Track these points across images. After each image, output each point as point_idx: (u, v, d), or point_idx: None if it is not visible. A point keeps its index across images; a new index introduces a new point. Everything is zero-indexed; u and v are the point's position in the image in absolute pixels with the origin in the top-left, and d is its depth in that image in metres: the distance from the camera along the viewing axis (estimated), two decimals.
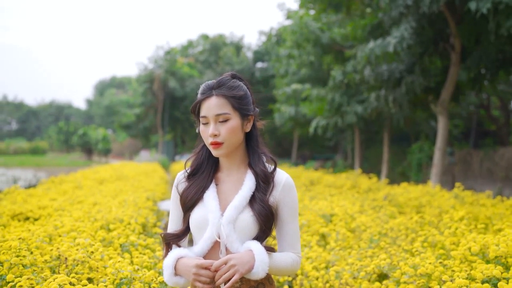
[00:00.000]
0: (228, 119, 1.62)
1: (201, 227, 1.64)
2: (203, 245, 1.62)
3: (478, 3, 6.26)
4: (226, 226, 1.59)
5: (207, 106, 1.62)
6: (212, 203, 1.64)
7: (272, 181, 1.69)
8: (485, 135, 19.17)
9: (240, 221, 1.62)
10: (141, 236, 3.29)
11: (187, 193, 1.69)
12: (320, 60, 13.57)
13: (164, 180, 10.82)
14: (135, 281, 2.18)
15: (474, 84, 9.64)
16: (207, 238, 1.61)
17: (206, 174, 1.71)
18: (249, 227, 1.62)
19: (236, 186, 1.69)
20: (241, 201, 1.63)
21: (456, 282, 1.92)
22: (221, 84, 1.64)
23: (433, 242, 2.97)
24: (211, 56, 33.22)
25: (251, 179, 1.68)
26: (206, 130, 1.63)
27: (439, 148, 9.08)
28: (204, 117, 1.63)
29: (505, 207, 4.80)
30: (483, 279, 2.00)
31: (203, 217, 1.63)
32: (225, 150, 1.64)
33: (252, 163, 1.71)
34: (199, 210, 1.65)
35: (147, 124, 32.79)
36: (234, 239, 1.60)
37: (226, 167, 1.73)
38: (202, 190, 1.67)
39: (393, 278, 2.41)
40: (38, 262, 2.37)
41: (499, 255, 2.21)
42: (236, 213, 1.61)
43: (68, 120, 60.25)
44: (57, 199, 5.71)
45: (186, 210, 1.69)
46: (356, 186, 7.95)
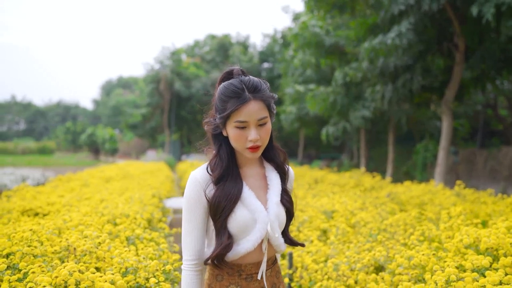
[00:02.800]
0: (266, 122, 1.62)
1: (248, 227, 1.62)
2: (253, 243, 1.61)
3: (480, 7, 6.31)
4: (275, 222, 1.64)
5: (247, 111, 1.57)
6: (254, 201, 1.63)
7: (288, 172, 1.78)
8: (492, 135, 19.12)
9: (280, 215, 1.67)
10: (147, 230, 3.39)
11: (222, 198, 1.61)
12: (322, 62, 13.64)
13: (170, 179, 10.94)
14: (140, 270, 2.28)
15: (477, 83, 9.67)
16: (259, 236, 1.61)
17: (234, 174, 1.67)
18: (284, 218, 1.70)
19: (261, 181, 1.72)
20: (278, 196, 1.68)
21: (446, 272, 2.00)
22: (256, 87, 1.60)
23: (430, 236, 3.05)
24: (218, 55, 33.36)
25: (274, 172, 1.74)
26: (243, 135, 1.59)
27: (443, 147, 9.12)
28: (244, 122, 1.57)
29: (505, 205, 4.86)
30: (472, 269, 2.09)
31: (248, 217, 1.61)
32: (260, 152, 1.65)
33: (272, 157, 1.75)
34: (241, 210, 1.62)
35: (153, 124, 32.98)
36: (279, 233, 1.67)
37: (245, 163, 1.72)
38: (238, 191, 1.63)
39: (388, 269, 2.49)
40: (48, 253, 2.48)
41: (489, 246, 2.29)
42: (278, 209, 1.66)
43: (75, 120, 60.68)
44: (65, 196, 5.83)
45: (226, 215, 1.61)
46: (360, 185, 8.02)
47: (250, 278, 1.67)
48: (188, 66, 32.38)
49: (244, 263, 1.66)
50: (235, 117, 1.57)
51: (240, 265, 1.65)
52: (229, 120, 1.59)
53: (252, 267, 1.66)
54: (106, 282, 2.02)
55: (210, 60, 33.52)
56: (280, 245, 1.69)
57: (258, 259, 1.67)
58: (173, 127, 32.29)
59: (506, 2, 6.00)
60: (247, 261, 1.66)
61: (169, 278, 2.39)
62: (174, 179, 12.29)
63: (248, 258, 1.66)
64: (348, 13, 10.93)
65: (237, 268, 1.66)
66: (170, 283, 2.39)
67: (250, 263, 1.66)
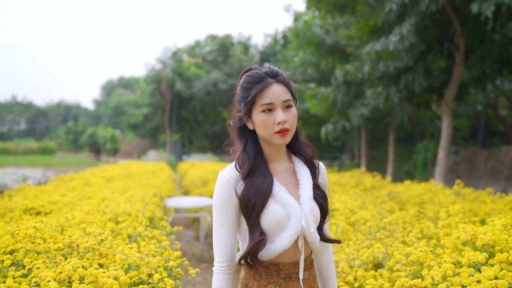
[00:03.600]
0: (292, 106, 1.61)
1: (282, 223, 1.57)
2: (289, 240, 1.57)
3: (480, 5, 6.34)
4: (310, 217, 1.60)
5: (271, 93, 1.57)
6: (287, 197, 1.59)
7: (318, 166, 1.75)
8: (493, 135, 19.16)
9: (314, 210, 1.63)
10: (148, 228, 3.43)
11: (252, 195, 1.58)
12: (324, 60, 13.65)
13: (171, 178, 10.98)
14: (142, 266, 2.32)
15: (477, 83, 9.70)
16: (294, 232, 1.56)
17: (263, 169, 1.63)
18: (318, 215, 1.65)
19: (290, 177, 1.68)
20: (310, 190, 1.64)
21: (443, 267, 2.04)
22: (276, 73, 1.61)
23: (428, 234, 3.09)
24: (219, 56, 33.43)
25: (303, 166, 1.70)
26: (270, 118, 1.57)
27: (443, 147, 9.15)
28: (270, 104, 1.56)
29: (504, 203, 4.89)
30: (469, 265, 2.12)
31: (282, 213, 1.57)
32: (290, 137, 1.62)
33: (300, 151, 1.72)
34: (274, 207, 1.58)
35: (154, 124, 33.06)
36: (314, 229, 1.62)
37: (274, 158, 1.69)
38: (268, 187, 1.59)
39: (387, 266, 2.53)
40: (52, 249, 2.52)
41: (486, 243, 2.32)
42: (312, 204, 1.62)
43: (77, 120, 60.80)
44: (67, 195, 5.87)
45: (258, 211, 1.57)
46: (360, 184, 8.05)
47: (289, 279, 1.62)
48: (189, 66, 32.45)
49: (282, 262, 1.62)
50: (260, 100, 1.57)
51: (278, 264, 1.61)
52: (255, 106, 1.58)
53: (290, 267, 1.62)
54: (109, 278, 2.06)
55: (211, 60, 33.59)
56: (316, 242, 1.64)
57: (295, 258, 1.63)
58: (174, 127, 32.35)
59: (505, 2, 6.03)
60: (285, 260, 1.62)
61: (171, 274, 2.42)
62: (175, 178, 12.34)
63: (286, 257, 1.61)
64: (348, 14, 10.98)
65: (275, 267, 1.61)
66: (173, 279, 2.42)
67: (288, 262, 1.62)
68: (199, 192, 8.72)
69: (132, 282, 2.19)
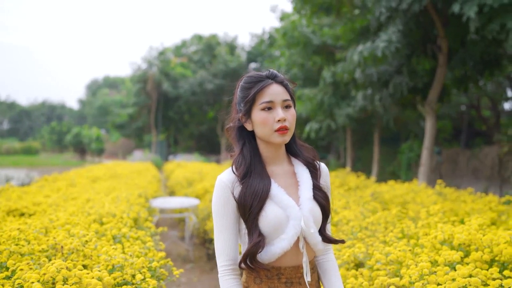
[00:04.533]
0: (291, 106, 1.63)
1: (280, 225, 1.56)
2: (289, 241, 1.56)
3: (462, 6, 6.44)
4: (310, 218, 1.59)
5: (271, 92, 1.59)
6: (286, 197, 1.59)
7: (319, 167, 1.74)
8: (475, 135, 19.46)
9: (314, 211, 1.61)
10: (133, 229, 3.44)
11: (249, 196, 1.58)
12: (311, 60, 13.73)
13: (157, 178, 10.96)
14: (127, 267, 2.34)
15: (459, 84, 9.86)
16: (294, 233, 1.56)
17: (260, 171, 1.63)
18: (319, 217, 1.63)
19: (290, 178, 1.68)
20: (310, 191, 1.63)
21: (420, 266, 2.10)
22: (276, 74, 1.64)
23: (408, 233, 3.16)
24: (205, 56, 33.38)
25: (303, 168, 1.70)
26: (270, 116, 1.58)
27: (427, 147, 9.27)
28: (270, 102, 1.59)
29: (483, 203, 4.99)
30: (445, 263, 2.19)
31: (281, 214, 1.57)
32: (289, 137, 1.62)
33: (298, 153, 1.73)
34: (272, 208, 1.57)
35: (140, 124, 32.94)
36: (315, 230, 1.61)
37: (272, 161, 1.68)
38: (266, 188, 1.59)
39: (367, 265, 2.59)
40: (35, 251, 2.53)
41: (462, 242, 2.39)
42: (311, 204, 1.61)
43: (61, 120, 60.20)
44: (51, 196, 5.84)
45: (256, 213, 1.56)
46: (345, 184, 8.13)
47: (290, 284, 1.61)
48: (175, 66, 32.36)
49: (283, 266, 1.60)
50: (260, 98, 1.59)
51: (279, 268, 1.60)
52: (255, 105, 1.60)
53: (292, 271, 1.61)
54: (93, 278, 2.08)
55: (197, 60, 33.54)
56: (318, 243, 1.62)
57: (297, 262, 1.61)
58: (160, 127, 32.25)
59: (487, 3, 6.13)
60: (286, 264, 1.60)
61: (155, 275, 2.45)
62: (161, 179, 12.31)
63: (287, 260, 1.60)
64: (334, 15, 11.07)
65: (276, 271, 1.60)
66: (156, 279, 2.45)
67: (290, 266, 1.60)
68: (185, 193, 8.73)
69: (116, 282, 2.21)
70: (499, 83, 16.17)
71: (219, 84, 29.49)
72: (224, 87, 29.35)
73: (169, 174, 14.23)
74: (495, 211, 4.62)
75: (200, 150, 35.70)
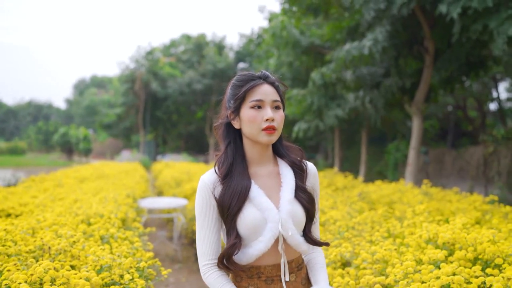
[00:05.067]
0: (280, 108, 1.63)
1: (258, 227, 1.56)
2: (266, 244, 1.56)
3: (448, 7, 6.54)
4: (288, 220, 1.57)
5: (261, 91, 1.60)
6: (264, 200, 1.58)
7: (306, 168, 1.72)
8: (462, 136, 19.71)
9: (295, 213, 1.60)
10: (121, 229, 3.44)
11: (228, 198, 1.59)
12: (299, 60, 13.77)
13: (145, 178, 10.93)
14: (115, 267, 2.34)
15: (446, 85, 9.98)
16: (271, 236, 1.55)
17: (241, 172, 1.63)
18: (302, 217, 1.62)
19: (272, 179, 1.67)
20: (291, 193, 1.62)
21: (404, 265, 2.14)
22: (267, 75, 1.65)
23: (394, 233, 3.20)
24: (193, 55, 33.33)
25: (288, 169, 1.69)
26: (259, 115, 1.59)
27: (414, 147, 9.37)
28: (259, 101, 1.59)
29: (468, 202, 5.07)
30: (429, 262, 2.23)
31: (259, 216, 1.57)
32: (276, 137, 1.62)
33: (284, 153, 1.72)
34: (250, 210, 1.58)
35: (128, 124, 32.77)
36: (295, 232, 1.59)
37: (255, 162, 1.68)
38: (245, 190, 1.59)
39: (354, 264, 2.62)
40: (22, 252, 2.52)
41: (446, 241, 2.44)
42: (291, 206, 1.59)
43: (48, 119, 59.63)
44: (38, 197, 5.80)
45: (234, 215, 1.57)
46: (332, 184, 8.18)
47: (271, 281, 1.61)
48: (163, 66, 32.25)
49: (262, 265, 1.61)
50: (250, 96, 1.59)
51: (258, 267, 1.61)
52: (244, 102, 1.60)
53: (272, 269, 1.61)
54: (81, 279, 2.08)
55: (186, 60, 33.46)
56: (299, 244, 1.61)
57: (277, 261, 1.62)
58: (148, 127, 32.11)
59: (472, 6, 6.24)
60: (266, 263, 1.61)
61: (143, 275, 2.46)
62: (149, 179, 12.28)
63: (266, 260, 1.61)
64: (322, 16, 11.14)
65: (256, 270, 1.62)
66: (144, 279, 2.46)
67: (270, 265, 1.61)
68: (173, 193, 8.72)
69: (104, 283, 2.22)
70: (484, 84, 16.41)
71: (207, 84, 29.48)
72: (212, 87, 29.33)
73: (157, 174, 14.19)
74: (480, 211, 4.70)
75: (188, 150, 35.63)
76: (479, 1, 6.15)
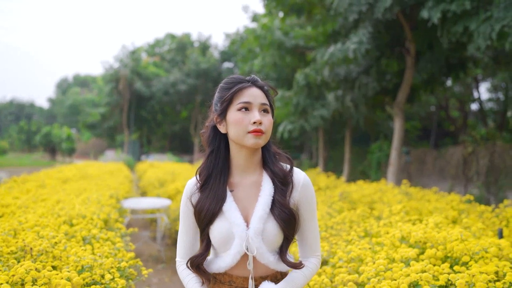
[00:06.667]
0: (269, 112, 1.59)
1: (226, 241, 1.54)
2: (232, 259, 1.53)
3: (429, 12, 6.70)
4: (255, 239, 1.51)
5: (250, 93, 1.55)
6: (234, 214, 1.53)
7: (291, 181, 1.61)
8: (444, 136, 20.02)
9: (267, 231, 1.53)
10: (103, 230, 3.47)
11: (201, 206, 1.58)
12: (283, 62, 13.86)
13: (129, 179, 10.91)
14: (96, 267, 2.39)
15: (427, 86, 10.16)
16: (236, 252, 1.52)
17: (218, 181, 1.59)
18: (275, 235, 1.54)
19: (253, 190, 1.60)
20: (264, 209, 1.53)
21: (376, 263, 2.23)
22: (257, 80, 1.60)
23: (370, 232, 3.29)
24: (177, 55, 33.24)
25: (269, 181, 1.59)
26: (247, 118, 1.53)
27: (395, 147, 9.52)
28: (247, 103, 1.54)
29: (446, 202, 5.20)
30: (401, 260, 2.32)
31: (227, 230, 1.54)
32: (264, 141, 1.55)
33: (268, 163, 1.63)
34: (220, 223, 1.55)
35: (112, 124, 32.56)
36: (264, 250, 1.53)
37: (240, 170, 1.63)
38: (219, 201, 1.56)
39: (330, 263, 2.70)
40: (4, 253, 2.54)
41: (418, 240, 2.53)
42: (262, 224, 1.52)
43: (30, 119, 58.90)
44: (20, 198, 5.77)
45: (205, 224, 1.58)
46: (315, 184, 8.28)
47: None
48: (147, 65, 32.11)
49: (235, 275, 1.58)
50: (238, 99, 1.54)
51: (231, 275, 1.58)
52: (231, 105, 1.55)
53: (243, 281, 1.57)
54: (62, 279, 2.12)
55: (170, 59, 33.36)
56: (270, 263, 1.55)
57: (247, 274, 1.57)
58: (132, 127, 31.94)
59: (451, 9, 6.39)
60: (237, 274, 1.58)
61: (123, 274, 2.50)
62: (133, 179, 12.24)
63: (237, 271, 1.58)
64: (305, 16, 11.24)
65: (229, 278, 1.59)
66: (125, 279, 2.50)
67: (241, 276, 1.58)
68: (157, 193, 8.73)
69: (85, 283, 2.26)
70: (466, 84, 16.70)
71: (191, 84, 29.43)
72: (196, 87, 29.27)
73: (141, 175, 14.16)
74: (456, 210, 4.82)
75: (173, 150, 35.53)
76: (457, 4, 6.33)
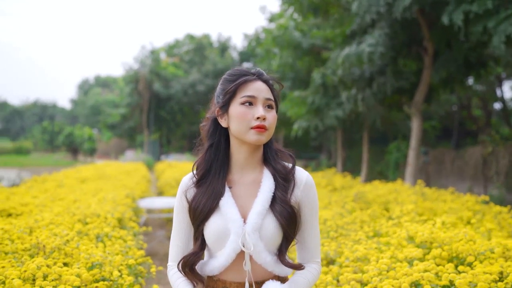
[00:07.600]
0: (273, 108, 1.51)
1: (221, 238, 1.45)
2: (227, 258, 1.44)
3: (451, 16, 6.63)
4: (252, 235, 1.42)
5: (255, 87, 1.47)
6: (231, 210, 1.45)
7: (293, 178, 1.53)
8: (466, 135, 19.69)
9: (265, 228, 1.44)
10: (116, 229, 3.55)
11: (197, 202, 1.49)
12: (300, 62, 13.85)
13: (146, 179, 11.04)
14: (105, 264, 2.45)
15: (446, 85, 10.03)
16: (232, 250, 1.43)
17: (217, 177, 1.51)
18: (274, 233, 1.45)
19: (253, 188, 1.52)
20: (263, 205, 1.45)
21: (380, 262, 2.23)
22: (262, 73, 1.53)
23: (379, 232, 3.29)
24: (196, 56, 33.48)
25: (269, 177, 1.51)
26: (250, 112, 1.46)
27: (413, 148, 9.43)
28: (251, 97, 1.46)
29: (461, 203, 5.15)
30: (405, 259, 2.32)
31: (222, 227, 1.45)
32: (266, 138, 1.48)
33: (270, 160, 1.55)
34: (216, 220, 1.46)
35: (132, 124, 32.95)
36: (262, 249, 1.44)
37: (240, 167, 1.54)
38: (216, 197, 1.48)
39: (337, 263, 2.71)
40: (19, 250, 2.63)
41: (424, 240, 2.53)
42: (260, 220, 1.44)
43: (53, 119, 59.98)
44: (39, 197, 5.91)
45: (200, 221, 1.49)
46: (330, 184, 8.27)
47: None
48: (166, 66, 32.42)
49: (228, 280, 1.48)
50: (241, 92, 1.47)
51: (224, 282, 1.49)
52: (235, 98, 1.48)
53: (237, 287, 1.47)
54: (72, 275, 2.18)
55: (189, 60, 33.62)
56: (266, 264, 1.46)
57: (243, 279, 1.47)
58: (152, 127, 32.28)
59: (473, 10, 6.31)
60: (231, 279, 1.48)
61: (132, 272, 2.56)
62: (151, 179, 12.39)
63: (232, 276, 1.48)
64: (321, 16, 11.22)
65: (222, 284, 1.49)
66: (134, 276, 2.56)
67: (235, 282, 1.48)
68: (173, 193, 8.82)
69: (94, 279, 2.32)
70: (489, 83, 16.40)
71: (210, 84, 29.62)
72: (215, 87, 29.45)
73: (160, 174, 14.31)
74: (472, 210, 4.77)
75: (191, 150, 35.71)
76: (479, 4, 6.24)
